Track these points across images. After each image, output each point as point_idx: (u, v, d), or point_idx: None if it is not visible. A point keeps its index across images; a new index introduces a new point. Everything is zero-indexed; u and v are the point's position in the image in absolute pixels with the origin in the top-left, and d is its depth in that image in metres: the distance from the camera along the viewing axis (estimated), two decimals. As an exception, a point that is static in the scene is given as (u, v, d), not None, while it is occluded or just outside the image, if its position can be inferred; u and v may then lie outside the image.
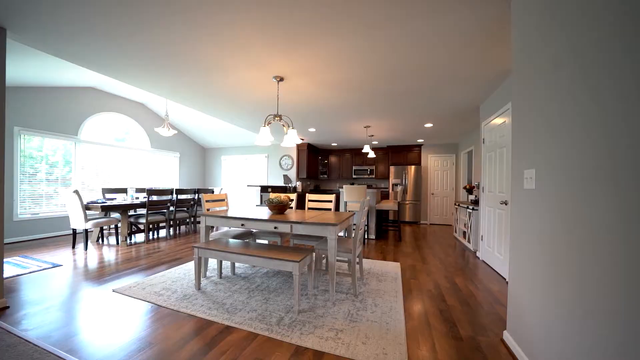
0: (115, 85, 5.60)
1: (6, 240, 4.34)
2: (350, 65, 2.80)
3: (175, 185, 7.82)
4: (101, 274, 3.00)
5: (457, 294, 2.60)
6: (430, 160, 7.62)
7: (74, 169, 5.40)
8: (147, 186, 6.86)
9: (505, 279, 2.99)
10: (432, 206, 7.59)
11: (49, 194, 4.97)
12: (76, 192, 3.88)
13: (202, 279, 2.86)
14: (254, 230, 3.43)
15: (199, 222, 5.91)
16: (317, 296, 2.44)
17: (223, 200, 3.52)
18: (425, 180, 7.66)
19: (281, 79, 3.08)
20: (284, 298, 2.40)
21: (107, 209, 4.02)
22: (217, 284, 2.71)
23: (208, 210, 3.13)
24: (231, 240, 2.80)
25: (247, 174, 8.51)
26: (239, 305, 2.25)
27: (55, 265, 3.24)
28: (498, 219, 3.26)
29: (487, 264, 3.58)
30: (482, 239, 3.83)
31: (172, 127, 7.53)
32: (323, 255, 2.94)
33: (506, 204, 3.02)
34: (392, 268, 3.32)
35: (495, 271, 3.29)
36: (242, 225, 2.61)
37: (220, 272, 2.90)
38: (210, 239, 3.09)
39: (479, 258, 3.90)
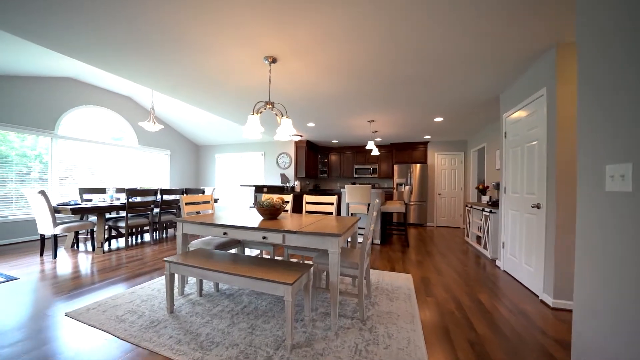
0: (96, 76, 5.13)
1: (-33, 247, 3.88)
2: (350, 43, 2.34)
3: (166, 185, 7.35)
4: (60, 290, 2.53)
5: (486, 317, 2.15)
6: (437, 159, 7.16)
7: (51, 167, 4.93)
8: (136, 186, 6.40)
9: (538, 296, 2.53)
10: (438, 207, 7.13)
11: (22, 195, 4.50)
12: (42, 192, 3.41)
13: (179, 297, 2.39)
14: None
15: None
16: (315, 322, 1.98)
17: (208, 202, 3.06)
18: (432, 179, 7.20)
19: (274, 60, 2.62)
20: (274, 325, 1.93)
21: (78, 212, 3.55)
22: (195, 305, 2.25)
23: (196, 214, 2.67)
24: (214, 252, 2.34)
25: (242, 172, 8.04)
26: (217, 336, 1.79)
27: (9, 279, 2.77)
28: (527, 225, 2.80)
29: (512, 276, 3.12)
30: (503, 247, 3.37)
31: (159, 121, 7.05)
32: (323, 270, 2.48)
33: (539, 208, 2.56)
34: (404, 281, 2.86)
35: (523, 285, 2.84)
36: (225, 234, 2.15)
37: (201, 289, 2.44)
38: (190, 249, 2.63)
39: (499, 268, 3.44)
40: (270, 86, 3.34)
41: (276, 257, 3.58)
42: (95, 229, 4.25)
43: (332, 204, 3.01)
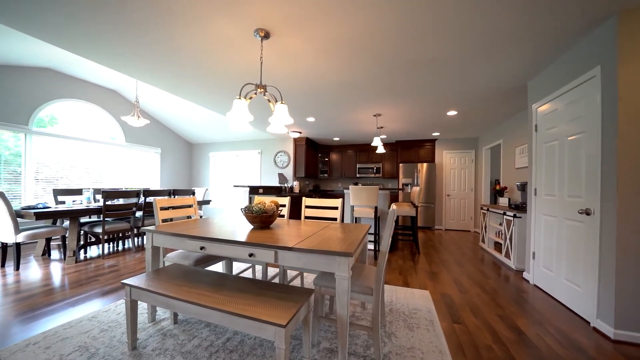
0: (78, 67, 4.67)
1: None
2: (356, 14, 1.88)
3: (156, 186, 6.89)
4: (8, 314, 2.07)
5: (534, 354, 1.69)
6: (446, 157, 6.71)
7: (25, 166, 4.47)
8: (123, 187, 5.93)
9: (589, 323, 2.08)
10: (447, 209, 6.68)
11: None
12: (0, 194, 2.96)
13: (149, 325, 1.94)
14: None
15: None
16: (317, 365, 1.53)
17: (190, 206, 2.61)
18: (440, 179, 6.75)
19: (266, 35, 2.16)
20: (264, 370, 1.48)
21: (44, 217, 3.09)
22: (166, 337, 1.79)
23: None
24: (191, 270, 1.88)
25: (238, 172, 7.58)
26: (185, 390, 1.34)
27: (-51, 299, 2.31)
28: (570, 233, 2.35)
29: (546, 293, 2.67)
30: (533, 257, 2.92)
31: (147, 116, 6.57)
32: (327, 296, 2.03)
33: (588, 214, 2.11)
34: (422, 301, 2.40)
35: (564, 305, 2.38)
36: (202, 248, 1.69)
37: (176, 315, 1.98)
38: (166, 263, 2.18)
39: (528, 281, 2.99)
40: (264, 70, 2.88)
41: (270, 268, 3.13)
42: (67, 235, 3.79)
43: (336, 208, 2.56)
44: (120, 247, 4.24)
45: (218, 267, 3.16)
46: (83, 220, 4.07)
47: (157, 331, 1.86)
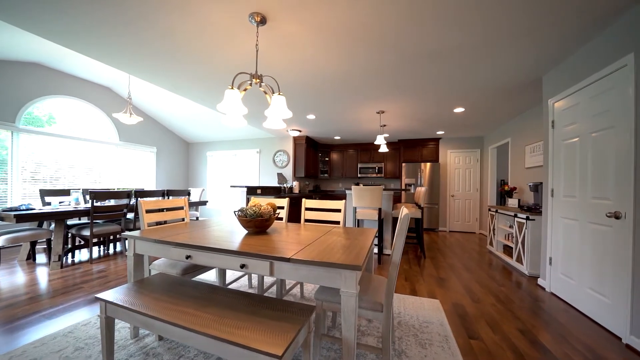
0: (69, 62, 4.48)
1: None
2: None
3: (152, 186, 6.69)
4: (-25, 329, 1.88)
5: (564, 378, 1.49)
6: (450, 157, 6.51)
7: (11, 166, 4.26)
8: (117, 188, 5.72)
9: (620, 338, 1.88)
10: (451, 210, 6.48)
11: (-28, 197, 3.86)
12: (-23, 196, 2.75)
13: (130, 341, 1.74)
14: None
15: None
16: (319, 393, 1.33)
17: (180, 208, 2.41)
18: (444, 179, 6.55)
19: (262, 21, 1.96)
20: (258, 400, 1.28)
21: (26, 219, 2.89)
22: (148, 356, 1.59)
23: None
24: (178, 281, 1.68)
25: (236, 172, 7.37)
26: None
27: None
28: (595, 239, 2.14)
29: (566, 302, 2.46)
30: (550, 263, 2.72)
31: (142, 114, 6.35)
32: (329, 312, 1.82)
33: (617, 218, 1.91)
34: (433, 312, 2.20)
35: (587, 317, 2.18)
36: (188, 257, 1.49)
37: (161, 330, 1.78)
38: (152, 271, 1.98)
39: (544, 288, 2.79)
40: (261, 61, 2.68)
41: (266, 277, 2.93)
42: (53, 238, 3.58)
43: (339, 210, 2.36)
44: (110, 251, 4.03)
45: (211, 275, 2.96)
46: (71, 222, 3.86)
47: (139, 349, 1.66)
